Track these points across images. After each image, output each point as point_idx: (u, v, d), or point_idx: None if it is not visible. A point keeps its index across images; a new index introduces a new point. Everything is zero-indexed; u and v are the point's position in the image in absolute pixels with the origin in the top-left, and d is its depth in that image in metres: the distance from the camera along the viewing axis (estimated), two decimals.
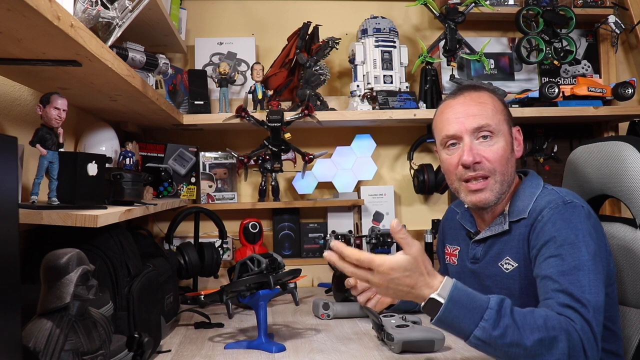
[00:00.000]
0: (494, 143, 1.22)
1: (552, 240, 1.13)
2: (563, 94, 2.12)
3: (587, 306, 1.03)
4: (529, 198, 1.23)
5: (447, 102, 1.30)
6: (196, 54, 2.23)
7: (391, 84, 2.11)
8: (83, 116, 1.65)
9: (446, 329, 1.01)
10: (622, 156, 1.34)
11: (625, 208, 1.92)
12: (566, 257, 1.09)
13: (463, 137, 1.23)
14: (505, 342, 0.97)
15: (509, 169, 1.24)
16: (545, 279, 1.11)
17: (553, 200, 1.18)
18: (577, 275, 1.07)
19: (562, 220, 1.14)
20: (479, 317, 0.97)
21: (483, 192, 1.23)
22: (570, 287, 1.06)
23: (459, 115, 1.25)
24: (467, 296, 0.99)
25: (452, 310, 0.97)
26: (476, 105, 1.25)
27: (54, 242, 1.03)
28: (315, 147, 2.16)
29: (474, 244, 1.32)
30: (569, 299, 1.05)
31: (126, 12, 1.24)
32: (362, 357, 1.22)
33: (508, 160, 1.24)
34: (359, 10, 2.31)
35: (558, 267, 1.09)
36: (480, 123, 1.22)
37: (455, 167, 1.25)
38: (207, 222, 2.05)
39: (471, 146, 1.22)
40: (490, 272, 1.27)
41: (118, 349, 1.05)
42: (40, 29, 0.85)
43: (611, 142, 1.39)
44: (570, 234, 1.12)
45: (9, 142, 0.78)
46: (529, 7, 2.18)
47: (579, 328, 1.01)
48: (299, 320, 1.57)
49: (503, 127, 1.25)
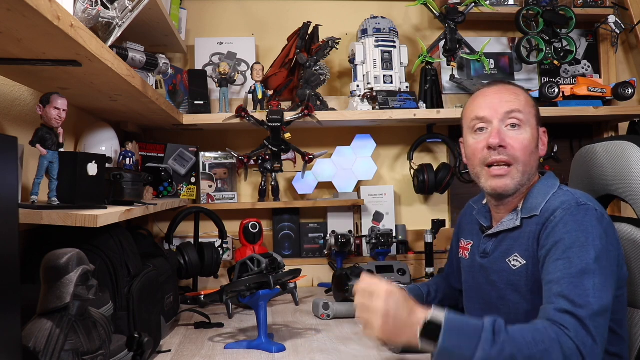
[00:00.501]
0: (522, 133, 1.25)
1: (561, 241, 1.13)
2: (563, 94, 2.12)
3: (586, 308, 1.03)
4: (542, 196, 1.24)
5: (482, 90, 1.34)
6: (196, 54, 2.23)
7: (391, 84, 2.11)
8: (83, 116, 1.65)
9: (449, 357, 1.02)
10: (628, 156, 1.34)
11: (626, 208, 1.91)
12: (574, 260, 1.09)
13: (493, 121, 1.26)
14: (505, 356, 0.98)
15: (532, 162, 1.26)
16: (550, 282, 1.10)
17: (567, 201, 1.18)
18: (582, 279, 1.06)
19: (573, 222, 1.14)
20: (478, 339, 0.99)
21: (504, 178, 1.24)
22: (573, 291, 1.05)
23: (492, 100, 1.28)
24: (460, 319, 1.03)
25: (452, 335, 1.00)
26: (510, 93, 1.28)
27: (54, 242, 1.03)
28: (315, 147, 2.16)
29: (485, 238, 1.33)
30: (568, 304, 1.04)
31: (126, 12, 1.24)
32: (362, 357, 1.22)
33: (532, 153, 1.25)
34: (359, 10, 2.31)
35: (565, 271, 1.09)
36: (511, 107, 1.25)
37: (481, 151, 1.27)
38: (207, 222, 2.05)
39: (499, 130, 1.25)
40: (498, 267, 1.27)
41: (118, 349, 1.05)
42: (40, 29, 0.85)
43: (616, 142, 1.39)
44: (581, 237, 1.11)
45: (9, 142, 0.78)
46: (529, 7, 2.18)
47: (573, 335, 1.01)
48: (299, 320, 1.57)
49: (532, 120, 1.27)
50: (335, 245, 2.06)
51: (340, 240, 2.05)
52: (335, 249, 2.07)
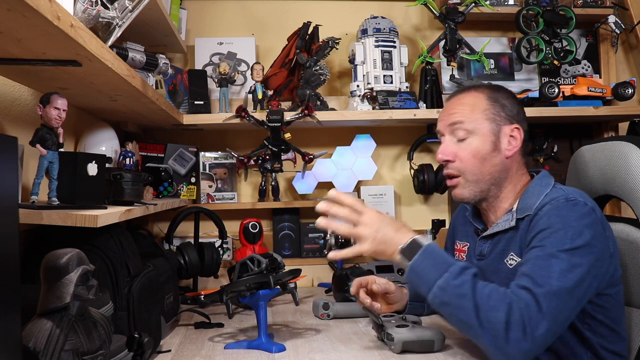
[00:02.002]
0: (468, 143, 1.28)
1: (541, 232, 1.15)
2: (563, 94, 2.12)
3: (543, 286, 1.06)
4: (537, 196, 1.24)
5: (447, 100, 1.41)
6: (196, 54, 2.23)
7: (391, 84, 2.11)
8: (83, 116, 1.65)
9: (415, 279, 1.14)
10: (626, 156, 1.34)
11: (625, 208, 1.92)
12: (546, 247, 1.12)
13: (445, 134, 1.32)
14: (460, 293, 1.07)
15: (487, 169, 1.28)
16: (521, 264, 1.15)
17: (556, 197, 1.20)
18: (549, 262, 1.09)
19: (556, 215, 1.16)
20: (445, 270, 1.10)
21: (456, 189, 1.32)
22: (537, 272, 1.09)
23: (443, 113, 1.35)
24: (441, 252, 1.15)
25: (425, 259, 1.12)
26: (457, 104, 1.33)
27: (54, 242, 1.03)
28: (315, 147, 2.16)
29: (481, 240, 1.34)
30: (529, 281, 1.08)
31: (126, 12, 1.24)
32: (362, 357, 1.22)
33: (484, 160, 1.27)
34: (359, 10, 2.31)
35: (535, 254, 1.13)
36: (453, 119, 1.30)
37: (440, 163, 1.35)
38: (207, 222, 2.05)
39: (447, 144, 1.31)
40: (495, 268, 1.28)
41: (118, 349, 1.05)
42: (40, 29, 0.85)
43: (615, 142, 1.39)
44: (560, 228, 1.13)
45: (9, 142, 0.78)
46: (529, 7, 2.18)
47: (523, 305, 1.04)
48: (299, 320, 1.57)
49: (481, 125, 1.28)
50: (335, 245, 2.05)
51: (340, 241, 2.05)
52: (335, 249, 2.06)
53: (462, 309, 1.07)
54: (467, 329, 1.09)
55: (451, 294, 1.08)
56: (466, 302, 1.06)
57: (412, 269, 1.14)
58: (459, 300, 1.07)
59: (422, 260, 1.13)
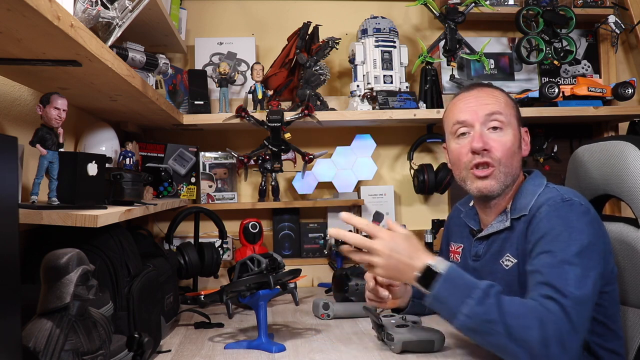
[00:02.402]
0: (504, 135, 1.26)
1: (545, 236, 1.15)
2: (563, 94, 2.12)
3: (568, 297, 1.05)
4: (530, 195, 1.25)
5: (461, 94, 1.35)
6: (196, 54, 2.23)
7: (391, 84, 2.11)
8: (83, 116, 1.65)
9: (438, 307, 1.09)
10: (625, 156, 1.34)
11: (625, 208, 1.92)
12: (556, 253, 1.11)
13: (474, 125, 1.27)
14: (487, 319, 1.03)
15: (514, 163, 1.27)
16: (534, 272, 1.13)
17: (552, 197, 1.20)
18: (563, 269, 1.09)
19: (557, 217, 1.16)
20: (468, 295, 1.05)
21: (488, 179, 1.26)
22: (555, 280, 1.08)
23: (472, 104, 1.29)
24: (461, 276, 1.10)
25: (447, 287, 1.07)
26: (489, 96, 1.30)
27: (54, 242, 1.03)
28: (315, 147, 2.16)
29: (477, 241, 1.34)
30: (551, 290, 1.07)
31: (126, 12, 1.24)
32: (362, 357, 1.22)
33: (514, 154, 1.27)
34: (359, 10, 2.31)
35: (546, 261, 1.11)
36: (492, 110, 1.26)
37: (465, 155, 1.28)
38: (207, 222, 2.05)
39: (481, 133, 1.26)
40: (491, 269, 1.28)
41: (118, 349, 1.05)
42: (40, 29, 0.85)
43: (613, 142, 1.39)
44: (563, 230, 1.13)
45: (9, 142, 0.78)
46: (529, 7, 2.18)
47: (555, 319, 1.03)
48: (299, 320, 1.57)
49: (513, 121, 1.29)
50: (335, 246, 2.05)
51: (340, 240, 2.05)
52: (335, 249, 2.06)
53: (492, 334, 1.03)
54: (502, 352, 1.06)
55: (478, 321, 1.04)
56: (496, 327, 1.02)
57: (435, 297, 1.09)
58: (488, 326, 1.03)
59: (441, 288, 1.08)
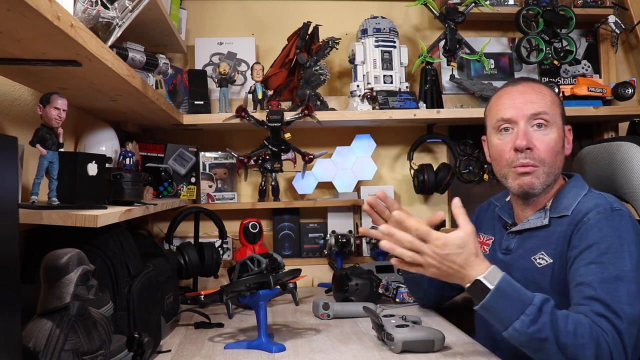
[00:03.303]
0: (548, 133, 1.25)
1: (595, 245, 1.12)
2: (563, 94, 2.12)
3: (622, 318, 1.03)
4: (573, 198, 1.24)
5: (506, 88, 1.33)
6: (196, 54, 2.23)
7: (391, 84, 2.11)
8: (83, 116, 1.65)
9: (488, 316, 1.07)
10: (629, 156, 1.35)
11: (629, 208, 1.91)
12: (608, 266, 1.08)
13: (518, 122, 1.26)
14: (540, 338, 1.01)
15: (557, 163, 1.26)
16: (582, 284, 1.10)
17: (601, 204, 1.18)
18: (617, 285, 1.06)
19: (608, 227, 1.13)
20: (521, 311, 1.02)
21: (530, 176, 1.25)
22: (607, 297, 1.05)
23: (517, 101, 1.27)
24: (513, 289, 1.06)
25: (497, 299, 1.04)
26: (536, 93, 1.27)
27: (54, 242, 1.03)
28: (315, 147, 2.16)
29: (509, 235, 1.33)
30: (603, 308, 1.04)
31: (126, 12, 1.24)
32: (362, 357, 1.22)
33: (558, 153, 1.26)
34: (359, 10, 2.31)
35: (598, 275, 1.08)
36: (538, 110, 1.25)
37: (508, 152, 1.27)
38: (207, 222, 2.05)
39: (526, 131, 1.24)
40: (521, 264, 1.27)
41: (118, 349, 1.05)
42: (40, 29, 0.85)
43: (617, 143, 1.40)
44: (616, 242, 1.11)
45: (9, 142, 0.78)
46: (529, 7, 2.18)
47: (610, 340, 1.01)
48: (299, 320, 1.57)
49: (558, 120, 1.27)
50: (335, 245, 2.06)
51: (340, 240, 2.05)
52: (335, 249, 2.07)
53: (544, 351, 1.03)
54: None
55: (531, 338, 1.03)
56: (549, 346, 1.01)
57: (484, 308, 1.07)
58: (541, 344, 1.02)
59: (494, 301, 1.05)
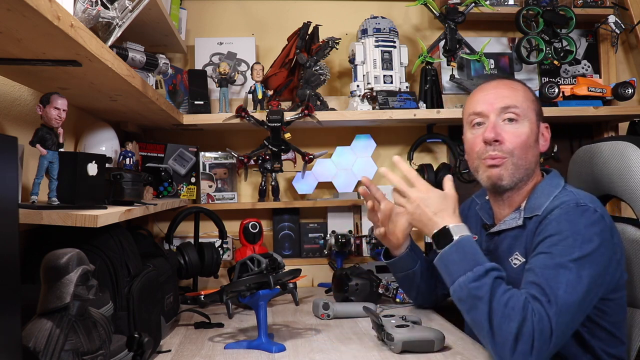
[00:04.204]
0: (518, 127, 1.26)
1: (549, 237, 1.14)
2: (563, 94, 2.12)
3: (553, 303, 1.05)
4: (546, 196, 1.24)
5: (481, 86, 1.35)
6: (196, 54, 2.23)
7: (391, 84, 2.11)
8: (83, 116, 1.65)
9: (442, 269, 1.16)
10: (626, 156, 1.34)
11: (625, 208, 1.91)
12: (555, 255, 1.11)
13: (489, 116, 1.28)
14: (476, 295, 1.07)
15: (529, 157, 1.27)
16: (528, 270, 1.14)
17: (567, 201, 1.18)
18: (557, 272, 1.08)
19: (566, 221, 1.14)
20: (470, 268, 1.10)
21: (498, 168, 1.27)
22: (545, 282, 1.08)
23: (489, 95, 1.30)
24: (472, 248, 1.14)
25: (454, 252, 1.13)
26: (508, 88, 1.30)
27: (54, 242, 1.03)
28: (315, 147, 2.16)
29: (488, 236, 1.33)
30: (539, 292, 1.07)
31: (126, 12, 1.24)
32: (362, 357, 1.22)
33: (529, 147, 1.26)
34: (359, 10, 2.31)
35: (543, 262, 1.11)
36: (508, 103, 1.26)
37: (478, 145, 1.29)
38: (207, 222, 2.05)
39: (495, 124, 1.27)
40: (500, 266, 1.27)
41: (118, 349, 1.05)
42: (40, 29, 0.85)
43: (615, 142, 1.39)
44: (569, 235, 1.12)
45: (9, 142, 0.78)
46: (529, 7, 2.18)
47: (537, 321, 1.03)
48: (299, 320, 1.57)
49: (530, 114, 1.28)
50: (335, 245, 2.05)
51: (340, 240, 2.05)
52: (335, 249, 2.07)
53: (476, 309, 1.07)
54: (478, 329, 1.09)
55: (468, 294, 1.08)
56: (481, 305, 1.06)
57: (441, 258, 1.16)
58: (475, 302, 1.07)
59: (451, 252, 1.14)
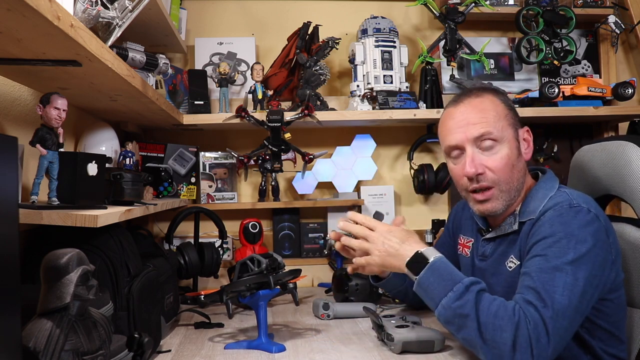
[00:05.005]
0: (497, 152, 1.21)
1: (543, 239, 1.13)
2: (563, 94, 2.12)
3: (549, 306, 1.04)
4: (540, 199, 1.22)
5: (449, 110, 1.29)
6: (196, 54, 2.23)
7: (391, 84, 2.11)
8: (83, 116, 1.65)
9: (422, 294, 1.15)
10: (627, 156, 1.34)
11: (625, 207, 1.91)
12: (550, 258, 1.09)
13: (465, 147, 1.23)
14: (462, 314, 1.06)
15: (515, 176, 1.23)
16: (524, 274, 1.12)
17: (560, 202, 1.17)
18: (553, 276, 1.07)
19: (559, 223, 1.13)
20: (450, 288, 1.09)
21: (489, 202, 1.24)
22: (541, 286, 1.07)
23: (460, 124, 1.24)
24: (446, 268, 1.14)
25: (430, 276, 1.13)
26: (477, 112, 1.23)
27: (54, 242, 1.03)
28: (315, 147, 2.16)
29: (484, 241, 1.33)
30: (535, 296, 1.06)
31: (126, 12, 1.24)
32: (362, 357, 1.22)
33: (513, 167, 1.22)
34: (359, 10, 2.31)
35: (538, 266, 1.10)
36: (481, 132, 1.21)
37: (461, 178, 1.26)
38: (207, 222, 2.05)
39: (473, 157, 1.22)
40: (495, 270, 1.27)
41: (118, 349, 1.05)
42: (40, 29, 0.85)
43: (615, 142, 1.39)
44: (562, 237, 1.11)
45: (9, 142, 0.78)
46: (529, 7, 2.18)
47: (532, 327, 1.02)
48: (299, 320, 1.57)
49: (507, 132, 1.23)
50: None
51: None
52: (335, 249, 2.06)
53: (465, 328, 1.06)
54: (472, 347, 1.08)
55: (454, 314, 1.08)
56: (470, 323, 1.05)
57: (419, 284, 1.15)
58: (463, 320, 1.06)
59: (427, 276, 1.13)
